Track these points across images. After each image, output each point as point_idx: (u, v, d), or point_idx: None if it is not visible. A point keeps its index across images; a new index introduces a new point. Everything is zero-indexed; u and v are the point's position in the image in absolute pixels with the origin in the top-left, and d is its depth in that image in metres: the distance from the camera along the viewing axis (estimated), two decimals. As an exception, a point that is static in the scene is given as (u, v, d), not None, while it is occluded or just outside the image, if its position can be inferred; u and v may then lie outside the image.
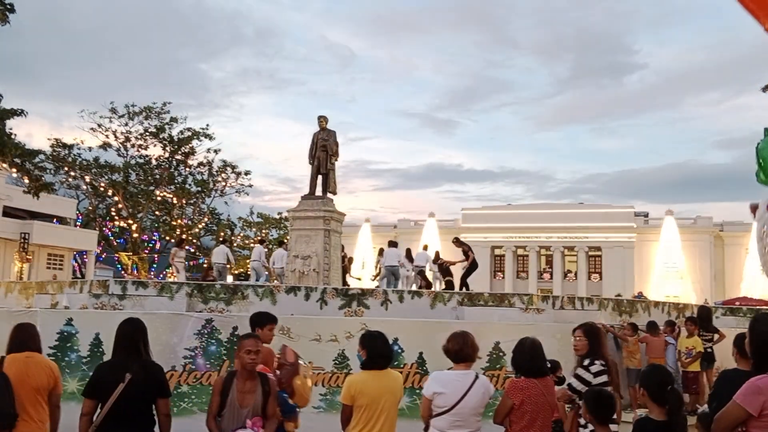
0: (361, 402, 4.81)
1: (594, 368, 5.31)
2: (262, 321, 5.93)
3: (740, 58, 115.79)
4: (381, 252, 20.25)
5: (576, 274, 56.66)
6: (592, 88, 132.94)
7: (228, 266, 21.05)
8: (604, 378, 5.27)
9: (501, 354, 8.56)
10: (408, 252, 20.35)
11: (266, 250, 20.61)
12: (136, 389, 4.64)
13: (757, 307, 27.80)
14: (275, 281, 18.49)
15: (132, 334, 4.85)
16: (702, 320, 11.93)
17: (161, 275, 42.79)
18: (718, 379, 4.75)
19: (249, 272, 21.14)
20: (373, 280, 22.65)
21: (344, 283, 18.74)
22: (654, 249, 54.27)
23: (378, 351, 5.01)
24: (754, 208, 5.61)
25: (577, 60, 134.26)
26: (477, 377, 4.90)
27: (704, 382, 11.36)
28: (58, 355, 8.19)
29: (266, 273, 20.18)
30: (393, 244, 20.10)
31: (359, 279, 25.55)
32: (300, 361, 5.66)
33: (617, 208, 56.95)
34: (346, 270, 19.81)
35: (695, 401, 10.90)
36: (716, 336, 11.76)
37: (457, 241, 19.47)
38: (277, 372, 5.49)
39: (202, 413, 8.04)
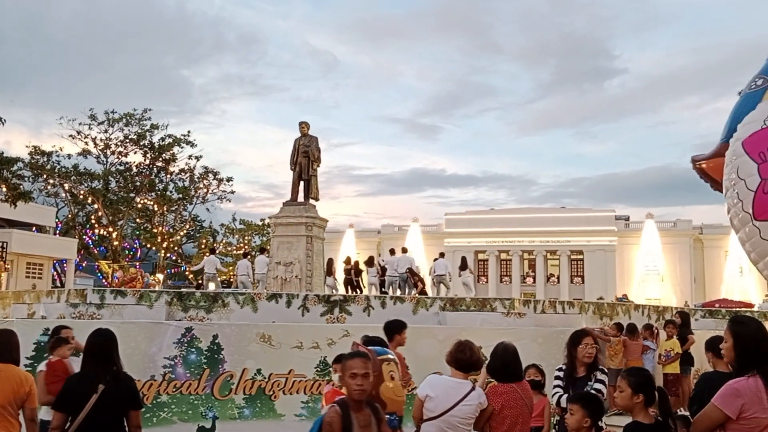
0: None
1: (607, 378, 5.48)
2: (400, 327, 6.17)
3: (719, 63, 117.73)
4: (371, 261, 19.97)
5: (558, 277, 56.97)
6: (575, 93, 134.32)
7: (217, 275, 21.07)
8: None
9: (483, 359, 8.54)
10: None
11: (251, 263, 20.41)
12: (109, 401, 4.53)
13: (736, 309, 28.12)
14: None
15: (103, 344, 4.73)
16: (685, 325, 12.01)
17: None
18: (698, 381, 4.74)
19: (232, 280, 20.99)
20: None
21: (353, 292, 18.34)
22: (635, 252, 54.76)
23: None
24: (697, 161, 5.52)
25: (560, 65, 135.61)
26: (473, 388, 4.82)
27: (686, 386, 11.38)
28: (35, 365, 8.04)
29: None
30: (405, 251, 19.79)
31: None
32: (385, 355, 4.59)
33: (598, 212, 57.44)
34: (351, 280, 19.33)
35: (676, 404, 10.92)
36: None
37: (410, 272, 19.18)
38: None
39: (182, 423, 7.96)
